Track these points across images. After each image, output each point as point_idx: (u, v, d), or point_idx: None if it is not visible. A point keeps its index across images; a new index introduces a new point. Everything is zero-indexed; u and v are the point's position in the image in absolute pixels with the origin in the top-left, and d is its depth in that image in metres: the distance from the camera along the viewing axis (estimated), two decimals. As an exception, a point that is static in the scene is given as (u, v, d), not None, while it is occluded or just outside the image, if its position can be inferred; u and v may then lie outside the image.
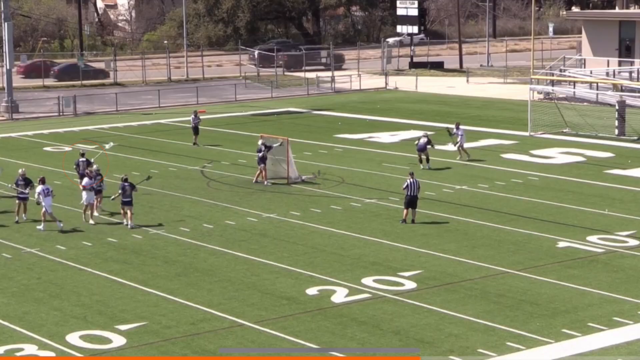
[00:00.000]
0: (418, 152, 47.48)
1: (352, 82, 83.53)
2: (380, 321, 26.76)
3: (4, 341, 25.57)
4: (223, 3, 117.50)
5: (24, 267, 32.25)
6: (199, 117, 55.27)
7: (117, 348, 25.09)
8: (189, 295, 29.07)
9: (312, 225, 37.08)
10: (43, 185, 36.90)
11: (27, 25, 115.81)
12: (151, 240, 35.22)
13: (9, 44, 70.31)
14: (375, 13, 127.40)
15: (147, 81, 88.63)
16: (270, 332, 26.01)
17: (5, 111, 70.14)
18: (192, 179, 45.94)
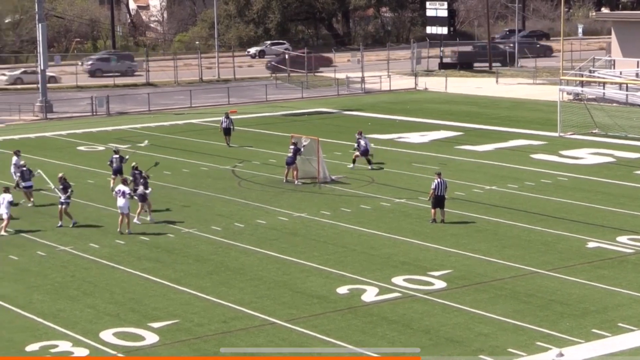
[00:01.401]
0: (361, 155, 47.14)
1: (382, 83, 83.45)
2: (410, 320, 26.73)
3: (39, 337, 25.72)
4: (254, 4, 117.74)
5: (58, 265, 32.43)
6: (230, 119, 55.18)
7: (149, 345, 25.18)
8: (221, 293, 29.14)
9: (343, 224, 37.08)
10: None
11: (61, 26, 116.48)
12: (183, 239, 35.33)
13: (43, 45, 70.73)
14: (405, 14, 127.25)
15: (179, 81, 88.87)
16: (301, 331, 26.04)
17: (40, 111, 70.55)
18: (223, 178, 46.04)
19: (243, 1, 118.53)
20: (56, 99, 74.45)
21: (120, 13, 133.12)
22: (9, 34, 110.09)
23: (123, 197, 35.54)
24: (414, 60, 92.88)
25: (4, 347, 25.12)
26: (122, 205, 35.61)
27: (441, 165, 47.86)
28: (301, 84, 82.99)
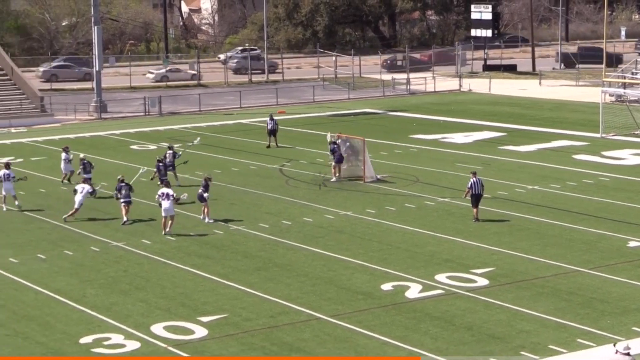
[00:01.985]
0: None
1: (427, 84, 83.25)
2: (453, 316, 26.65)
3: (92, 330, 25.93)
4: (302, 7, 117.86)
5: (111, 260, 32.66)
6: (275, 120, 55.00)
7: (199, 339, 25.30)
8: (268, 289, 29.21)
9: (387, 222, 37.04)
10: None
11: (116, 28, 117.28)
12: (232, 236, 35.45)
13: (99, 47, 71.30)
14: (450, 17, 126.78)
15: (229, 82, 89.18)
16: (346, 326, 26.04)
17: (95, 111, 71.09)
18: (271, 177, 46.14)
19: (292, 4, 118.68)
20: (110, 99, 75.00)
21: (172, 16, 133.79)
22: (66, 36, 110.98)
23: (168, 199, 35.57)
24: (458, 62, 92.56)
25: (59, 339, 25.35)
26: (167, 207, 35.58)
27: (484, 165, 47.74)
28: (348, 85, 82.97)
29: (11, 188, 40.54)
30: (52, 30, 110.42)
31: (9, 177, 40.64)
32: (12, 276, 30.92)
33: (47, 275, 31.03)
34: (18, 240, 35.28)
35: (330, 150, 44.87)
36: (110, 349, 24.62)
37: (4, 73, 73.60)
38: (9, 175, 40.66)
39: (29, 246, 34.44)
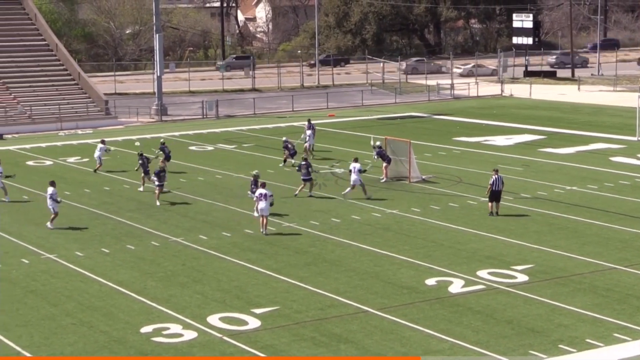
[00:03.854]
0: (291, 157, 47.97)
1: (470, 90, 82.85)
2: (493, 311, 26.47)
3: (152, 320, 26.07)
4: (352, 16, 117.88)
5: (170, 254, 32.82)
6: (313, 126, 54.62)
7: (252, 329, 25.34)
8: (318, 283, 29.20)
9: (432, 221, 36.89)
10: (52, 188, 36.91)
11: (176, 36, 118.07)
12: (284, 232, 35.47)
13: (160, 53, 71.76)
14: (492, 25, 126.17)
15: (282, 87, 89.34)
16: (392, 319, 25.96)
17: (156, 114, 71.55)
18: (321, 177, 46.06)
19: (342, 13, 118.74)
20: (170, 102, 75.42)
21: (229, 24, 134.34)
22: (130, 43, 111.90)
23: (265, 200, 35.37)
24: (500, 68, 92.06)
25: (122, 328, 25.52)
26: (263, 207, 35.28)
27: (524, 166, 47.46)
28: (394, 90, 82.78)
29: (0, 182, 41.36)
30: (117, 37, 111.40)
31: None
32: (78, 269, 31.19)
33: (111, 268, 31.26)
34: (84, 236, 35.59)
35: (377, 153, 44.68)
36: (169, 338, 24.73)
37: (71, 78, 74.31)
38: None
39: (94, 241, 34.72)
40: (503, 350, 23.67)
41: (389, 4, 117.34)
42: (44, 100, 70.32)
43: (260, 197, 35.34)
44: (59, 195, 36.99)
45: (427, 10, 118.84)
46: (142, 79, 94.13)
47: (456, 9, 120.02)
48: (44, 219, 38.05)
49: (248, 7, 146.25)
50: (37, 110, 68.68)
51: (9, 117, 67.04)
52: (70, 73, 74.71)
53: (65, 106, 69.28)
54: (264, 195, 35.23)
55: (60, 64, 75.61)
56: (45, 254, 32.97)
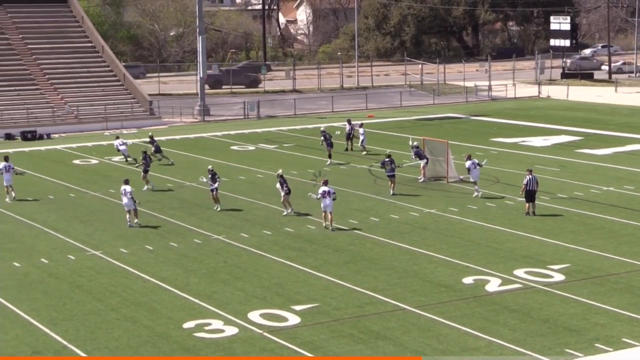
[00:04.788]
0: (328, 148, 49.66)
1: (508, 91, 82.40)
2: (530, 309, 26.33)
3: (195, 316, 26.18)
4: (391, 18, 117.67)
5: (212, 251, 32.95)
6: (352, 126, 54.69)
7: (292, 326, 25.37)
8: (357, 280, 29.18)
9: (469, 220, 36.75)
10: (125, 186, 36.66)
11: (218, 38, 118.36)
12: (323, 231, 35.48)
13: (203, 55, 72.03)
14: (530, 27, 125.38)
15: (322, 88, 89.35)
16: (429, 316, 25.90)
17: (199, 114, 71.82)
18: (360, 176, 46.11)
19: (381, 16, 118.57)
20: (212, 103, 75.69)
21: (271, 26, 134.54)
22: (173, 45, 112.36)
23: (329, 196, 35.55)
24: (537, 70, 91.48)
25: (165, 323, 25.65)
26: (328, 203, 35.52)
27: (561, 167, 47.16)
28: (433, 91, 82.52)
29: (11, 179, 41.51)
30: (161, 39, 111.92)
31: (10, 168, 41.69)
32: (122, 265, 31.40)
33: (154, 264, 31.43)
34: (128, 233, 35.81)
35: (414, 153, 44.59)
36: (211, 334, 24.82)
37: (117, 79, 74.80)
38: (10, 167, 41.72)
39: (138, 238, 34.93)
40: (539, 348, 23.53)
41: (427, 6, 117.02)
42: (91, 100, 70.84)
43: (324, 194, 35.61)
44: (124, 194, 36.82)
45: (466, 12, 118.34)
46: (186, 80, 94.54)
47: (494, 12, 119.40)
48: (90, 217, 38.39)
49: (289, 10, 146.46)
50: (84, 110, 69.21)
51: (56, 117, 67.63)
52: (116, 74, 75.21)
53: (111, 106, 69.76)
54: (328, 192, 35.58)
55: (106, 65, 76.14)
56: (91, 251, 33.22)
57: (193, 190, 42.76)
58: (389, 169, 41.20)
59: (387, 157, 41.50)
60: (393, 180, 41.36)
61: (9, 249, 33.69)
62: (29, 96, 70.02)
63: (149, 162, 43.98)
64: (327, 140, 50.13)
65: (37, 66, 73.62)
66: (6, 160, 42.60)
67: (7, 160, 42.69)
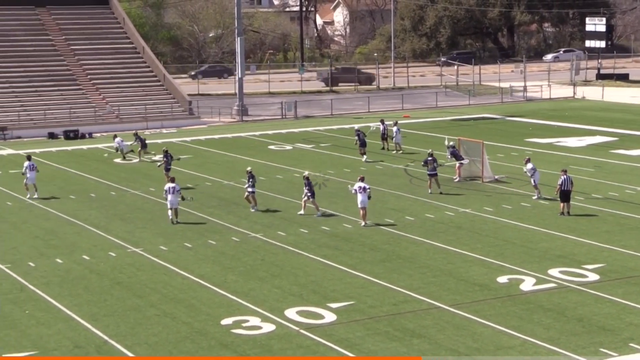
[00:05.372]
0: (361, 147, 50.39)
1: (543, 92, 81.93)
2: (564, 309, 26.16)
3: (232, 313, 26.26)
4: (427, 20, 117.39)
5: (250, 249, 33.03)
6: (385, 126, 54.70)
7: (328, 323, 25.38)
8: (392, 279, 29.14)
9: (503, 220, 36.58)
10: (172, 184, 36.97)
11: (256, 39, 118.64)
12: (359, 230, 35.48)
13: (241, 56, 72.24)
14: (565, 29, 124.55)
15: (359, 89, 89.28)
16: (464, 315, 25.81)
17: (237, 114, 72.04)
18: (396, 176, 46.04)
19: (417, 17, 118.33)
20: (250, 103, 75.88)
21: (308, 28, 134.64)
22: (212, 46, 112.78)
23: (364, 192, 35.78)
24: (573, 71, 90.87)
25: (203, 320, 25.76)
26: (363, 199, 35.80)
27: (596, 167, 46.83)
28: (468, 92, 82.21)
29: (34, 178, 41.76)
30: (200, 40, 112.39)
31: (33, 167, 41.95)
32: (162, 262, 31.57)
33: (193, 262, 31.57)
34: (168, 230, 35.99)
35: (450, 153, 44.49)
36: (248, 331, 24.89)
37: (157, 80, 75.21)
38: (33, 166, 41.97)
39: (177, 236, 35.10)
40: (573, 347, 23.38)
41: (463, 8, 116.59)
42: (131, 100, 71.31)
43: (359, 190, 35.85)
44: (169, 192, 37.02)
45: (501, 14, 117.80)
46: (224, 81, 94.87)
47: (530, 13, 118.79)
48: (131, 214, 38.63)
49: (326, 11, 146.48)
50: (125, 110, 69.67)
51: (98, 116, 68.13)
52: (156, 74, 75.62)
53: (151, 106, 70.16)
54: (363, 189, 35.81)
55: (147, 65, 76.59)
56: (131, 248, 33.43)
57: (231, 189, 42.91)
58: (430, 168, 41.10)
59: (430, 155, 41.39)
60: (435, 180, 41.24)
61: (52, 246, 34.00)
62: (71, 96, 70.60)
63: (169, 160, 44.23)
64: (360, 140, 50.24)
65: (79, 67, 74.21)
66: (29, 160, 42.92)
67: (30, 160, 43.01)
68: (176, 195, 36.81)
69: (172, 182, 37.22)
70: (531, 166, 39.87)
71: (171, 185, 36.85)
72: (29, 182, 42.11)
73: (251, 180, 38.61)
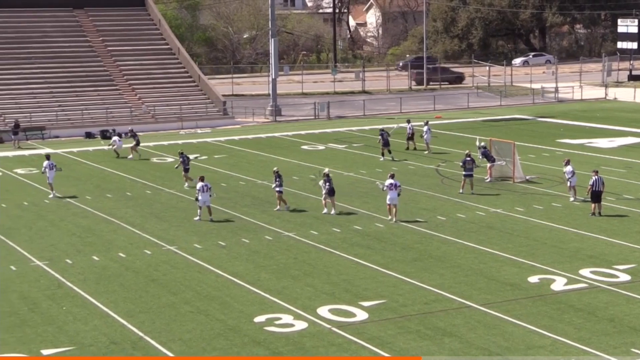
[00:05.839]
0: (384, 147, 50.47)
1: (574, 93, 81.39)
2: (595, 309, 25.97)
3: (265, 310, 26.30)
4: (459, 21, 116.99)
5: (283, 248, 33.07)
6: (412, 126, 54.67)
7: (360, 321, 25.35)
8: (423, 278, 29.07)
9: (534, 220, 36.38)
10: (202, 183, 37.14)
11: (290, 40, 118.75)
12: (391, 229, 35.42)
13: (275, 57, 72.34)
14: (597, 30, 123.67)
15: (391, 90, 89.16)
16: (495, 314, 25.69)
17: (270, 114, 72.15)
18: (427, 176, 45.92)
19: (450, 19, 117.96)
20: (284, 104, 75.95)
21: (341, 29, 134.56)
22: (247, 47, 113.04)
23: (394, 189, 36.00)
24: (604, 72, 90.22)
25: (236, 317, 25.81)
26: (393, 197, 36.07)
27: (627, 168, 46.45)
28: (500, 93, 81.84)
29: (53, 177, 42.19)
30: (235, 42, 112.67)
31: (53, 166, 42.15)
32: (196, 260, 31.67)
33: (227, 260, 31.65)
34: (202, 229, 36.11)
35: (481, 154, 44.30)
36: (281, 328, 24.91)
37: (192, 80, 75.47)
38: (53, 165, 42.18)
39: (211, 234, 35.20)
40: (604, 347, 23.20)
41: (495, 9, 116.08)
42: (166, 100, 71.60)
43: (390, 187, 35.95)
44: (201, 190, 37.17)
45: (533, 15, 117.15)
46: (258, 81, 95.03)
47: (562, 15, 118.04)
48: (166, 213, 38.79)
49: (359, 13, 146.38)
50: (160, 110, 69.97)
51: (134, 116, 68.47)
52: (191, 75, 75.88)
53: (186, 106, 70.41)
54: (394, 185, 35.93)
55: (182, 66, 76.87)
56: (166, 246, 33.57)
57: (265, 188, 42.96)
58: (468, 168, 40.92)
59: (468, 156, 41.19)
60: (470, 181, 41.04)
61: (89, 243, 34.21)
62: (108, 96, 71.01)
63: (186, 161, 44.34)
64: (384, 140, 50.23)
65: (116, 67, 74.62)
66: (48, 159, 43.20)
67: (49, 159, 43.28)
68: (208, 193, 36.97)
69: (201, 180, 37.32)
70: (570, 169, 39.40)
71: (202, 184, 36.97)
72: (50, 181, 42.44)
73: (278, 180, 38.62)
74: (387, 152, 50.49)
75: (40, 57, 73.44)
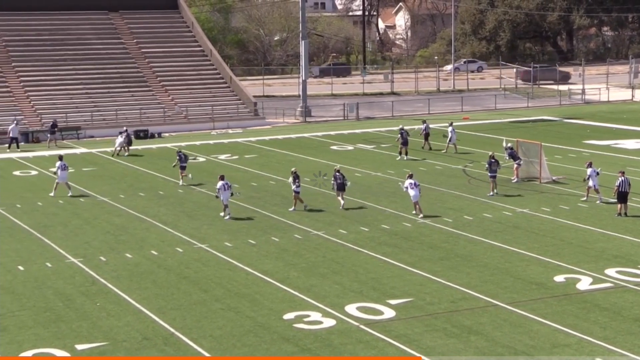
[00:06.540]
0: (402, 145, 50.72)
1: (601, 94, 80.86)
2: (621, 308, 25.78)
3: (294, 307, 26.31)
4: (487, 24, 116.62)
5: (311, 246, 33.08)
6: (427, 125, 54.55)
7: (387, 319, 25.31)
8: (450, 277, 28.98)
9: (560, 220, 36.17)
10: (223, 181, 37.20)
11: (320, 43, 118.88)
12: (418, 228, 35.35)
13: (305, 59, 72.41)
14: (625, 32, 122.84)
15: (419, 91, 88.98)
16: (521, 313, 25.57)
17: (300, 115, 72.23)
18: (455, 176, 45.78)
19: (477, 21, 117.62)
20: (314, 105, 75.98)
21: (370, 31, 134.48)
22: (277, 49, 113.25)
23: (416, 187, 36.44)
24: (631, 74, 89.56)
25: (266, 314, 25.84)
26: (415, 194, 36.63)
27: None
28: (527, 95, 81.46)
29: (66, 177, 42.02)
30: (266, 44, 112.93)
31: (65, 167, 42.22)
32: (227, 258, 31.75)
33: (257, 258, 31.70)
34: (232, 227, 36.19)
35: (508, 155, 44.11)
36: (310, 325, 24.90)
37: (224, 82, 75.69)
38: (65, 166, 42.25)
39: (242, 232, 35.28)
40: (630, 346, 23.03)
41: (523, 12, 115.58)
42: (199, 101, 71.86)
43: (411, 186, 36.47)
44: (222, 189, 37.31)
45: (561, 18, 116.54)
46: (288, 83, 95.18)
47: (589, 17, 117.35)
48: (197, 212, 38.91)
49: (388, 16, 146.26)
50: (192, 110, 70.24)
51: (167, 117, 68.77)
52: (223, 77, 76.11)
53: (218, 107, 70.63)
54: (415, 184, 36.53)
55: (214, 68, 77.13)
56: (198, 244, 33.68)
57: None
58: (493, 170, 40.80)
59: (492, 158, 41.03)
60: (494, 182, 40.91)
61: (122, 241, 34.39)
62: (142, 97, 71.38)
63: (182, 159, 44.79)
64: (403, 139, 50.21)
65: (149, 69, 74.99)
66: (60, 159, 43.36)
67: (62, 159, 43.44)
68: (229, 191, 37.11)
69: (222, 179, 37.42)
70: (590, 170, 39.11)
71: (223, 183, 37.10)
72: (60, 180, 42.51)
73: (297, 181, 38.59)
74: (404, 152, 50.42)
75: (76, 58, 73.95)
